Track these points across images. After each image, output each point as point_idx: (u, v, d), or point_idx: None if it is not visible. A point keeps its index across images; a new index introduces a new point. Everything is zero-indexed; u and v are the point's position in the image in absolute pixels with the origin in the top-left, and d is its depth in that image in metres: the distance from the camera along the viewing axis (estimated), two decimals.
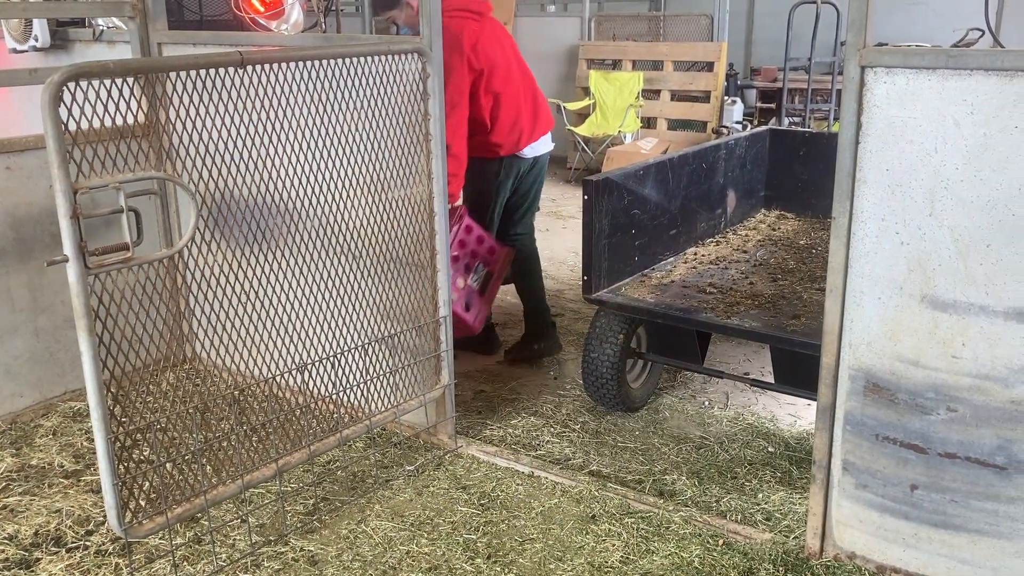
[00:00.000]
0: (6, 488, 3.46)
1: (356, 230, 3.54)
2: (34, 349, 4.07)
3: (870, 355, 2.70)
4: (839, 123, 2.59)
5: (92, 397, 2.62)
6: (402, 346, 3.71)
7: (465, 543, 3.12)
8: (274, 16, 3.56)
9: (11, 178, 3.88)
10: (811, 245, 4.67)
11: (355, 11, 12.52)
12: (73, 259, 2.50)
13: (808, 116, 9.03)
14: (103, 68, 2.61)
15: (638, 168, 4.05)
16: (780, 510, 3.32)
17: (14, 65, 4.95)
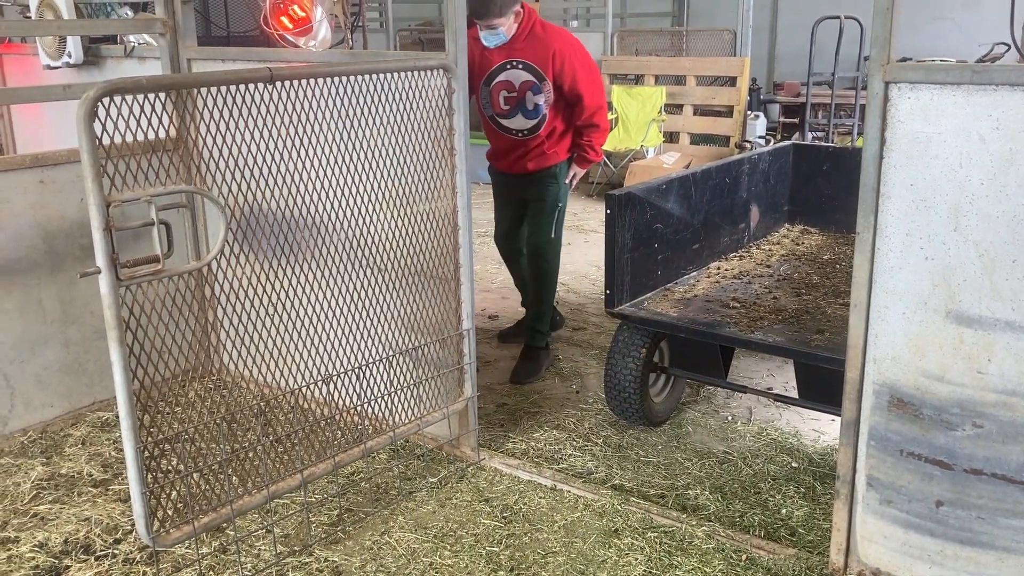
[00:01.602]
0: (37, 496, 3.51)
1: (381, 243, 3.58)
2: (64, 360, 4.13)
3: (895, 370, 2.69)
4: (863, 138, 2.59)
5: (122, 407, 2.66)
6: (426, 358, 3.74)
7: (488, 556, 3.14)
8: (303, 33, 3.62)
9: (44, 192, 3.95)
10: (835, 260, 4.66)
11: (379, 27, 12.66)
12: (105, 271, 2.55)
13: (831, 131, 9.01)
14: (136, 84, 2.66)
15: (661, 182, 4.06)
16: (804, 525, 3.30)
17: (48, 81, 5.05)
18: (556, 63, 4.41)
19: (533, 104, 4.47)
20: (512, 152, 4.67)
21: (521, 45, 4.42)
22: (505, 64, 4.44)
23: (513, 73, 4.45)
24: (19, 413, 3.99)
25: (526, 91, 4.44)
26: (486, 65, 4.47)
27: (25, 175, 3.89)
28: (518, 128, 4.57)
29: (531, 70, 4.42)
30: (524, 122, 4.54)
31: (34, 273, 3.96)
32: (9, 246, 3.84)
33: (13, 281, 3.88)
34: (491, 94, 4.51)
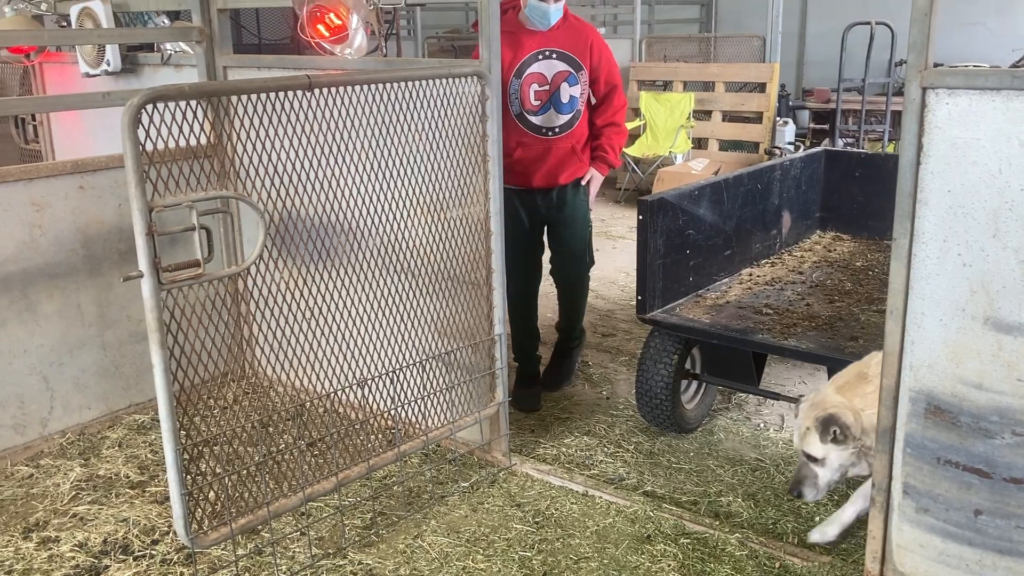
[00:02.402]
0: (76, 497, 3.57)
1: (415, 249, 3.61)
2: (101, 363, 4.19)
3: (931, 377, 2.67)
4: (900, 144, 2.58)
5: (163, 409, 2.70)
6: (458, 363, 3.76)
7: (520, 560, 3.15)
8: (339, 40, 3.66)
9: (84, 197, 4.02)
10: (868, 267, 4.64)
11: (407, 35, 12.74)
12: (148, 275, 2.59)
13: (862, 137, 8.95)
14: (179, 91, 2.71)
15: (693, 188, 4.07)
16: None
17: (87, 89, 5.13)
18: (594, 53, 4.17)
19: (568, 96, 4.13)
20: (542, 160, 4.18)
21: (556, 33, 4.11)
22: (537, 54, 4.09)
23: (546, 64, 4.10)
24: (58, 415, 4.05)
25: (560, 83, 4.10)
26: (518, 55, 4.08)
27: (66, 181, 3.96)
28: (549, 125, 4.16)
29: (567, 59, 4.11)
30: (556, 117, 4.15)
31: (73, 277, 4.03)
32: (50, 250, 3.91)
33: (54, 285, 3.95)
34: (521, 88, 4.10)
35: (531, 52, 4.07)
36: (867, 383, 2.99)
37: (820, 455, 2.98)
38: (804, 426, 3.01)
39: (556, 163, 4.20)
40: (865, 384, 2.99)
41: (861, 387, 2.99)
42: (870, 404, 2.89)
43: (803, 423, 3.02)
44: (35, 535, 3.30)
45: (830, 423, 2.91)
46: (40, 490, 3.63)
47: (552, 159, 4.19)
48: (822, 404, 3.01)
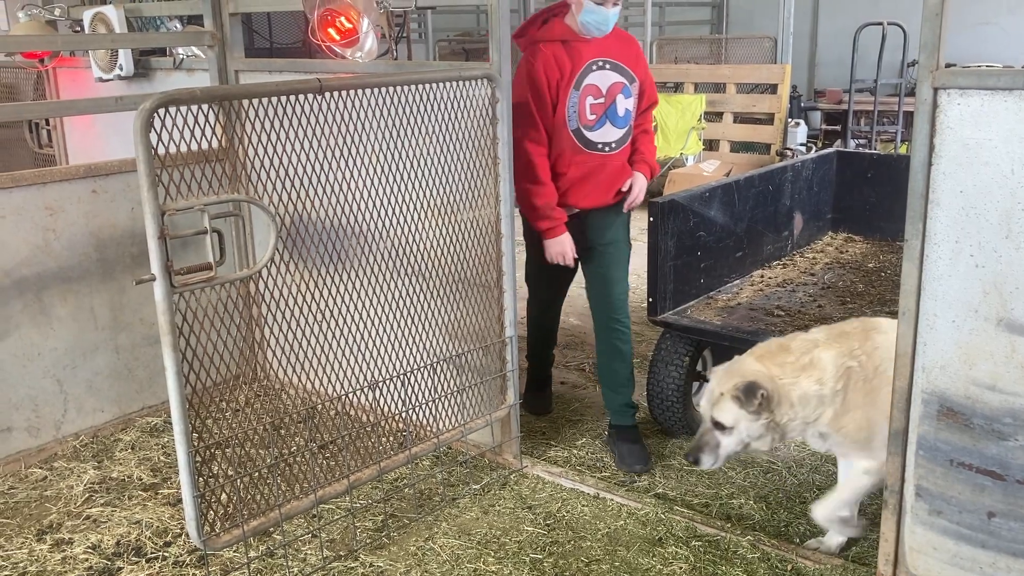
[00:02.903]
0: (89, 499, 3.59)
1: (425, 252, 3.61)
2: (114, 366, 4.21)
3: (944, 379, 2.66)
4: (911, 145, 2.57)
5: (175, 411, 2.71)
6: (469, 366, 3.76)
7: (532, 563, 3.15)
8: (350, 44, 3.67)
9: (96, 201, 4.04)
10: (880, 268, 4.62)
11: (418, 38, 12.77)
12: (160, 278, 2.61)
13: (874, 138, 8.92)
14: (191, 95, 2.72)
15: (704, 190, 4.06)
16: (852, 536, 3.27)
17: (100, 93, 5.17)
18: (641, 65, 3.89)
19: (624, 109, 3.79)
20: (596, 178, 3.81)
21: (608, 41, 3.76)
22: (592, 64, 3.72)
23: (601, 75, 3.73)
24: (71, 418, 4.08)
25: (616, 95, 3.75)
26: (577, 65, 3.69)
27: (79, 185, 3.99)
28: (606, 141, 3.78)
29: (620, 70, 3.77)
30: (613, 132, 3.79)
31: (86, 281, 4.05)
32: (64, 254, 3.94)
33: (67, 288, 3.97)
34: (580, 101, 3.71)
35: (588, 62, 3.72)
36: (788, 353, 2.93)
37: (730, 423, 2.90)
38: (718, 391, 2.91)
39: (609, 181, 3.84)
40: (786, 354, 2.94)
41: (780, 356, 2.93)
42: (788, 374, 2.87)
43: (717, 388, 2.93)
44: (49, 537, 3.32)
45: (755, 389, 2.81)
46: (54, 492, 3.65)
47: (606, 176, 3.83)
48: (740, 371, 2.92)
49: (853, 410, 2.89)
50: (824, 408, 2.88)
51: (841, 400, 2.88)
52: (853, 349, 2.90)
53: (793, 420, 2.89)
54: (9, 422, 3.85)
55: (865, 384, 2.89)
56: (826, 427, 2.92)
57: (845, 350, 2.90)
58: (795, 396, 2.85)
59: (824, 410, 2.89)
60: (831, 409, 2.89)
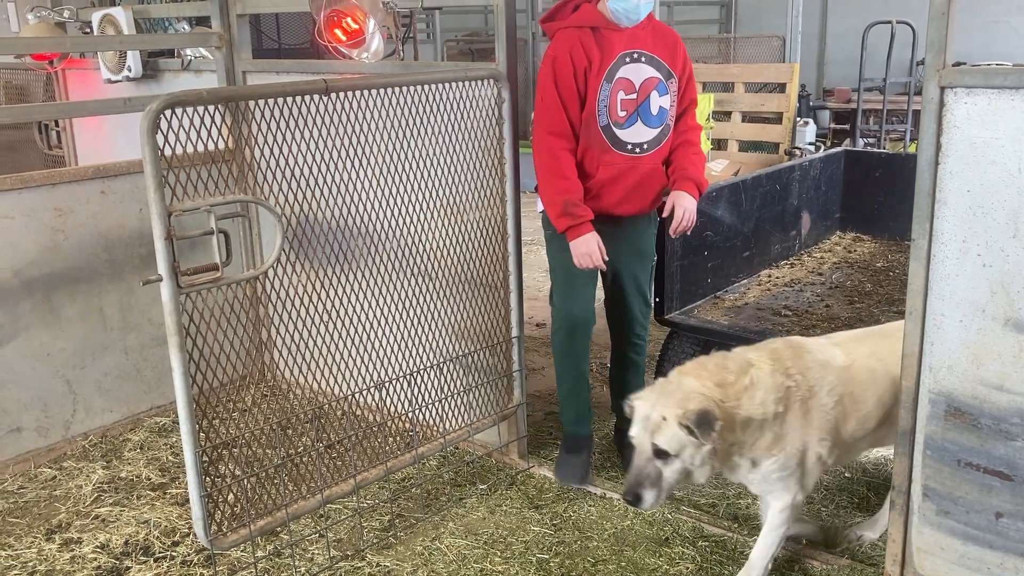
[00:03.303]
0: (98, 499, 3.61)
1: (432, 252, 3.62)
2: (123, 366, 4.23)
3: (951, 379, 2.65)
4: (918, 144, 2.57)
5: (182, 412, 2.72)
6: (475, 366, 3.77)
7: (538, 563, 3.15)
8: (356, 45, 3.68)
9: (105, 201, 4.06)
10: (888, 267, 4.60)
11: (427, 38, 12.78)
12: (167, 279, 2.62)
13: (883, 137, 8.89)
14: (196, 96, 2.74)
15: (711, 190, 4.05)
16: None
17: (109, 95, 5.19)
18: (680, 60, 3.48)
19: (658, 107, 3.42)
20: (624, 182, 3.43)
21: (643, 32, 3.40)
22: (625, 56, 3.36)
23: (633, 68, 3.37)
24: (81, 418, 4.10)
25: (650, 91, 3.39)
26: (607, 56, 3.34)
27: (88, 186, 4.00)
28: (636, 141, 3.41)
29: (656, 64, 3.40)
30: (645, 132, 3.41)
31: (95, 281, 4.07)
32: (73, 255, 3.96)
33: (76, 289, 3.99)
34: (611, 95, 3.35)
35: (621, 53, 3.35)
36: (726, 372, 2.68)
37: (674, 450, 2.54)
38: (658, 416, 2.55)
39: (640, 186, 3.46)
40: (725, 373, 2.68)
41: (721, 376, 2.67)
42: (731, 397, 2.61)
43: (657, 411, 2.56)
44: (58, 536, 3.34)
45: (711, 418, 2.49)
46: (63, 492, 3.67)
47: (636, 181, 3.44)
48: (683, 394, 2.59)
49: (791, 433, 2.68)
50: (764, 432, 2.64)
51: (780, 423, 2.66)
52: (788, 368, 2.70)
53: (734, 444, 2.62)
54: (19, 422, 3.87)
55: (802, 406, 2.69)
56: (761, 453, 2.67)
57: (781, 368, 2.69)
58: (738, 421, 2.59)
59: (763, 435, 2.65)
60: (770, 433, 2.65)
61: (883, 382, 2.81)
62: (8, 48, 5.68)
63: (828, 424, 2.73)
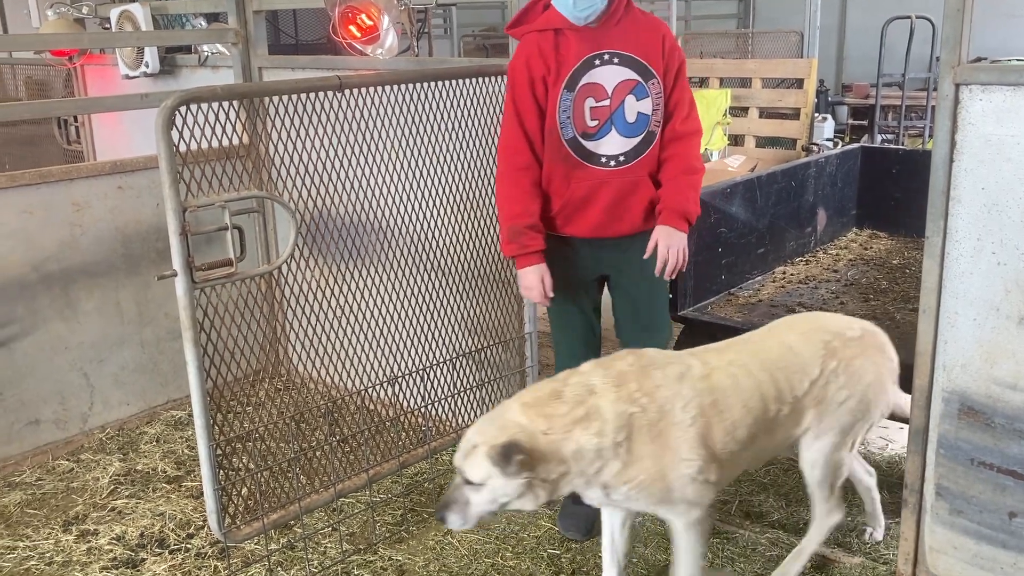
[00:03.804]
0: (114, 491, 3.65)
1: (445, 247, 3.63)
2: (139, 360, 4.27)
3: (965, 378, 2.64)
4: (933, 141, 2.55)
5: (196, 406, 2.75)
6: (488, 361, 3.78)
7: (549, 558, 3.16)
8: (370, 41, 3.69)
9: (122, 197, 4.09)
10: (904, 265, 4.57)
11: (443, 33, 12.79)
12: (181, 273, 2.64)
13: (901, 133, 8.82)
14: (211, 92, 2.76)
15: (725, 186, 4.04)
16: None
17: (127, 90, 5.23)
18: (663, 50, 3.00)
19: (635, 114, 2.97)
20: (600, 198, 3.01)
21: (615, 29, 2.95)
22: (593, 59, 2.94)
23: (605, 71, 2.95)
24: (98, 411, 4.14)
25: (625, 95, 2.96)
26: (567, 60, 2.94)
27: (105, 181, 4.04)
28: (612, 153, 2.98)
29: (632, 63, 2.95)
30: (622, 143, 2.98)
31: (112, 276, 4.10)
32: (91, 249, 3.99)
33: (94, 283, 4.03)
34: (574, 104, 2.95)
35: (586, 56, 2.94)
36: (559, 403, 2.48)
37: (480, 479, 2.42)
38: (472, 443, 2.45)
39: (621, 203, 3.04)
40: (557, 404, 2.48)
41: (551, 407, 2.47)
42: (558, 428, 2.43)
43: (473, 438, 2.46)
44: (75, 528, 3.38)
45: (512, 452, 2.35)
46: (80, 484, 3.71)
47: (614, 198, 3.02)
48: (501, 424, 2.46)
49: (642, 460, 2.50)
50: (606, 461, 2.48)
51: (626, 451, 2.48)
52: (633, 392, 2.50)
53: (568, 474, 2.46)
54: (37, 414, 3.92)
55: (651, 430, 2.51)
56: (613, 480, 2.50)
57: (624, 395, 2.50)
58: (568, 451, 2.43)
59: (606, 464, 2.48)
60: (616, 462, 2.48)
61: (747, 388, 2.62)
62: (28, 44, 5.74)
63: (691, 440, 2.52)
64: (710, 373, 2.61)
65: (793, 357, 2.72)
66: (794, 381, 2.68)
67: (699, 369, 2.61)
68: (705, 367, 2.62)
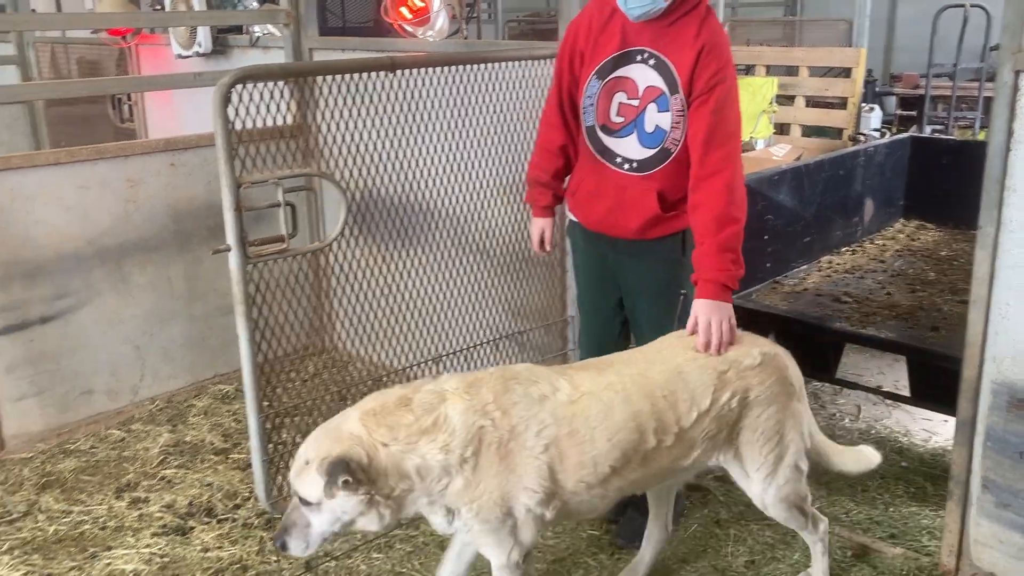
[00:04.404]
0: (164, 461, 3.73)
1: (491, 229, 3.66)
2: (188, 334, 4.35)
3: (1015, 369, 2.61)
4: (989, 129, 2.52)
5: (247, 379, 2.81)
6: (531, 343, 3.81)
7: (589, 538, 3.18)
8: (421, 23, 3.72)
9: (175, 174, 4.17)
10: (953, 256, 4.52)
11: (488, 18, 12.78)
12: (235, 249, 2.70)
13: (951, 124, 8.67)
14: (267, 71, 2.81)
15: (773, 173, 4.02)
16: (915, 526, 3.23)
17: (179, 70, 5.31)
18: (701, 68, 2.65)
19: (653, 125, 2.74)
20: (608, 197, 2.87)
21: (667, 28, 2.69)
22: (634, 53, 2.74)
23: (641, 71, 2.74)
24: (148, 383, 4.23)
25: (649, 102, 2.74)
26: (603, 47, 2.78)
27: (158, 158, 4.12)
28: (628, 156, 2.80)
29: (663, 71, 2.70)
30: (639, 150, 2.78)
31: (164, 251, 4.19)
32: (144, 225, 4.08)
33: (147, 258, 4.12)
34: (600, 94, 2.79)
35: (626, 49, 2.75)
36: (406, 411, 2.27)
37: (314, 499, 2.22)
38: (304, 458, 2.24)
39: (619, 207, 2.86)
40: (404, 412, 2.27)
41: (396, 415, 2.26)
42: (402, 440, 2.23)
43: (304, 453, 2.25)
44: (126, 495, 3.47)
45: (338, 470, 2.15)
46: (131, 453, 3.81)
47: (616, 201, 2.86)
48: (336, 436, 2.25)
49: (486, 479, 2.29)
50: (451, 478, 2.27)
51: (472, 468, 2.27)
52: (487, 404, 2.30)
53: (412, 491, 2.26)
54: (91, 384, 4.02)
55: (500, 448, 2.29)
56: (455, 501, 2.30)
57: (477, 405, 2.29)
58: (410, 467, 2.23)
59: (451, 480, 2.27)
60: (460, 479, 2.27)
61: (620, 420, 2.36)
62: (84, 23, 5.85)
63: (537, 471, 2.29)
64: (579, 399, 2.36)
65: (682, 384, 2.46)
66: (681, 411, 2.43)
67: (566, 393, 2.37)
68: (575, 391, 2.38)
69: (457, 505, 2.31)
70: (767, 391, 2.54)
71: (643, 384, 2.43)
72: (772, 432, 2.56)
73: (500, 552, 2.38)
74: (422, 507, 2.31)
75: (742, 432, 2.54)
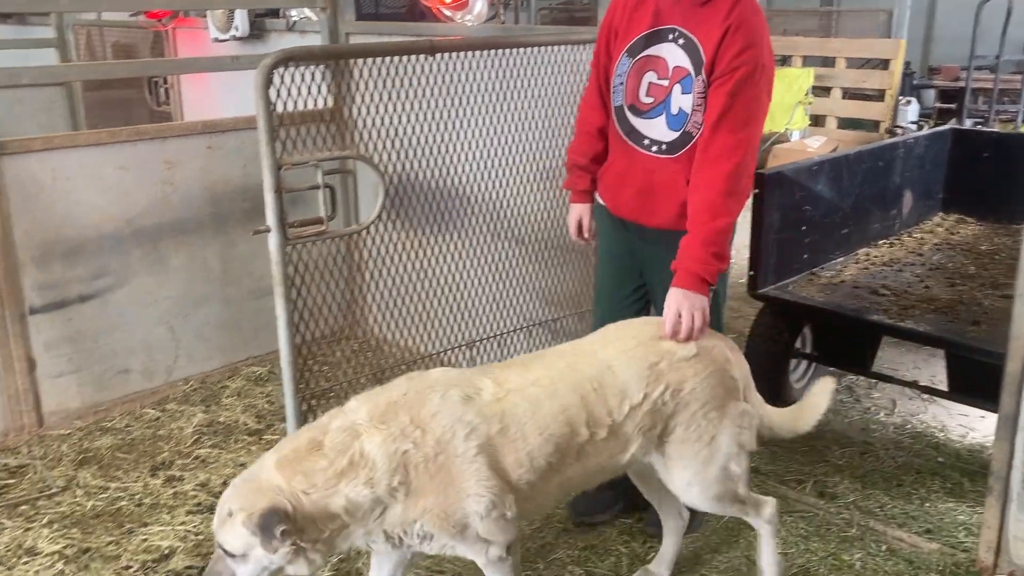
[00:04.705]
0: (198, 440, 3.77)
1: (525, 216, 3.65)
2: (222, 316, 4.39)
3: None
4: None
5: (284, 359, 2.83)
6: (563, 331, 3.80)
7: (620, 527, 3.18)
8: (459, 7, 3.71)
9: (212, 157, 4.19)
10: (994, 251, 4.44)
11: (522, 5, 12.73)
12: (275, 230, 2.71)
13: (992, 117, 8.53)
14: (308, 53, 2.82)
15: (811, 164, 3.97)
16: (951, 521, 3.20)
17: (216, 53, 5.35)
18: (725, 49, 2.56)
19: (678, 108, 2.67)
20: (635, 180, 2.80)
21: (700, 8, 2.62)
22: (666, 32, 2.67)
23: (671, 50, 2.66)
24: (182, 364, 4.27)
25: (676, 83, 2.66)
26: (636, 23, 2.72)
27: (195, 140, 4.14)
28: (656, 139, 2.73)
29: (691, 51, 2.63)
30: (666, 132, 2.71)
31: (200, 233, 4.22)
32: (180, 207, 4.11)
33: (182, 240, 4.15)
34: (629, 73, 2.73)
35: (658, 27, 2.68)
36: (319, 456, 2.20)
37: (240, 551, 2.15)
38: (227, 509, 2.16)
39: (649, 192, 2.78)
40: (317, 457, 2.20)
41: (310, 461, 2.19)
42: (321, 485, 2.17)
43: (227, 503, 2.18)
44: (161, 473, 3.51)
45: (272, 522, 2.08)
46: (166, 432, 3.85)
47: (644, 185, 2.79)
48: (256, 487, 2.18)
49: (424, 499, 2.25)
50: (386, 507, 2.23)
51: (405, 493, 2.23)
52: (405, 427, 2.24)
53: (346, 528, 2.22)
54: (127, 364, 4.06)
55: (429, 465, 2.24)
56: (396, 527, 2.26)
57: (395, 431, 2.24)
58: (337, 508, 2.18)
59: (387, 509, 2.24)
60: (397, 506, 2.24)
61: (548, 413, 2.33)
62: (123, 5, 5.89)
63: (476, 475, 2.25)
64: (504, 396, 2.33)
65: (611, 377, 2.42)
66: (612, 404, 2.39)
67: (490, 392, 2.33)
68: (499, 389, 2.34)
69: (399, 531, 2.27)
70: (703, 384, 2.48)
71: (571, 377, 2.40)
72: (704, 431, 2.49)
73: (477, 553, 2.35)
74: (358, 540, 2.27)
75: (675, 430, 2.47)
